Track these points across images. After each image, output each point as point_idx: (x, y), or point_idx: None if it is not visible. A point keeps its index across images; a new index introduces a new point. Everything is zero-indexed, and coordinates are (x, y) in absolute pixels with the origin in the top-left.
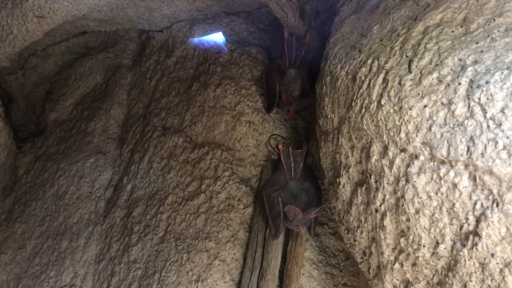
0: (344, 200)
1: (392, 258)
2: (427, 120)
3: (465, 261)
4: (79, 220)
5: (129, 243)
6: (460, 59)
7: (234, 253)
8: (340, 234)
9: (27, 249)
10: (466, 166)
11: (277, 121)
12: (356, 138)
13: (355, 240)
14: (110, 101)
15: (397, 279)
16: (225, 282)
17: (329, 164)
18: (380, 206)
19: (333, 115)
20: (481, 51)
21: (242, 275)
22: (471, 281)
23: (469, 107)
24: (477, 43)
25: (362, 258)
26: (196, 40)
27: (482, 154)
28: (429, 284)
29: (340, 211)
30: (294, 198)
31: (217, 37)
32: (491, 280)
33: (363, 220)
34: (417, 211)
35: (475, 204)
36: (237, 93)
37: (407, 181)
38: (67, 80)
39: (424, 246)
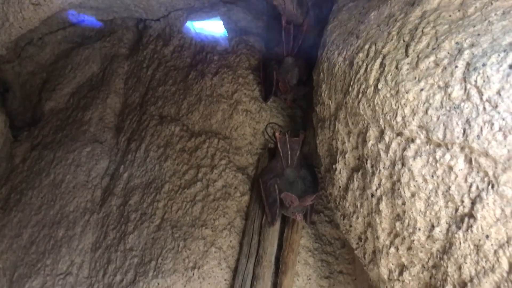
0: (340, 186)
1: (387, 242)
2: (424, 104)
3: (460, 243)
4: (76, 209)
5: (126, 231)
6: (457, 43)
7: (231, 241)
8: (336, 222)
9: (23, 238)
10: (462, 148)
11: (274, 109)
12: (352, 123)
13: (350, 226)
14: (106, 90)
15: (392, 264)
16: (221, 269)
17: (325, 151)
18: (376, 190)
19: (330, 101)
20: (478, 35)
21: (238, 262)
22: (466, 263)
23: (465, 89)
24: (474, 26)
25: (357, 243)
26: (195, 31)
27: (478, 136)
28: (424, 267)
29: (336, 197)
30: (291, 186)
31: (218, 29)
32: (486, 261)
33: (359, 205)
34: (412, 195)
35: (470, 186)
36: (234, 81)
37: (403, 164)
38: (64, 69)
39: (419, 229)
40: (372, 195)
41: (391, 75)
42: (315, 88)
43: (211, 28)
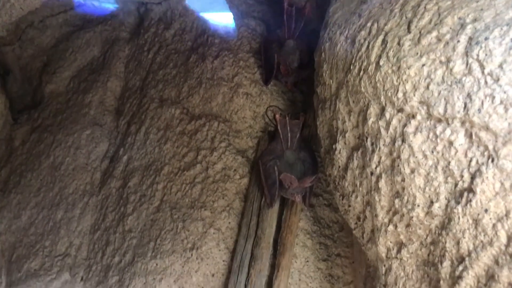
0: (339, 166)
1: (386, 220)
2: (425, 79)
3: (458, 218)
4: (75, 191)
5: (125, 213)
6: (459, 18)
7: (229, 222)
8: (334, 205)
9: (22, 219)
10: (463, 123)
11: (274, 93)
12: (353, 102)
13: (349, 206)
14: (107, 74)
15: (390, 242)
16: (219, 250)
17: (325, 133)
18: (375, 168)
19: (331, 81)
20: (481, 9)
21: (237, 243)
22: (464, 237)
23: (467, 64)
24: (477, 1)
25: (356, 223)
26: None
27: (479, 109)
28: (422, 244)
29: (335, 177)
30: (290, 167)
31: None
32: (484, 235)
33: (358, 184)
34: (412, 171)
35: (470, 161)
36: (235, 64)
37: (403, 141)
38: (64, 53)
39: (418, 206)
40: (372, 173)
41: (393, 51)
42: (316, 70)
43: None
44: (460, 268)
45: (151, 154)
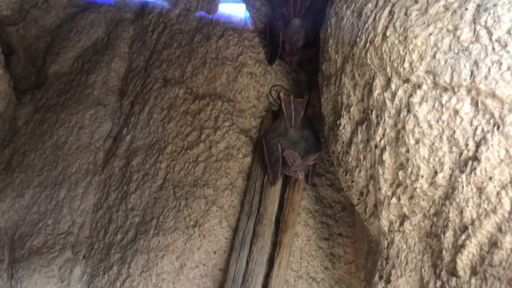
0: (343, 142)
1: (389, 193)
2: (432, 48)
3: (462, 187)
4: (78, 170)
5: (128, 191)
6: None
7: (232, 200)
8: (337, 186)
9: (25, 198)
10: (469, 91)
11: (279, 73)
12: (359, 75)
13: (352, 181)
14: (111, 54)
15: (393, 215)
16: (222, 228)
17: (330, 110)
18: (380, 141)
19: (336, 55)
20: None
21: (239, 220)
22: (468, 206)
23: (474, 31)
24: None
25: (359, 199)
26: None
27: (485, 76)
28: (425, 216)
29: (339, 153)
30: (294, 145)
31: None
32: (488, 203)
33: (362, 158)
34: (417, 142)
35: (475, 129)
36: (240, 44)
37: (408, 111)
38: (69, 33)
39: (422, 176)
40: (376, 146)
41: (399, 21)
42: (321, 47)
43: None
44: (463, 237)
45: (155, 133)
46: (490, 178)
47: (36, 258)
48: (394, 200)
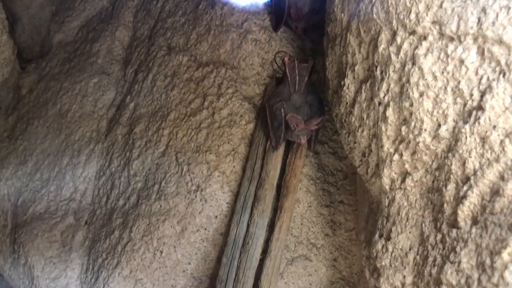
0: (347, 103)
1: (391, 150)
2: None
3: (466, 138)
4: (81, 138)
5: (130, 158)
6: None
7: (234, 166)
8: (339, 154)
9: (28, 165)
10: (475, 39)
11: (284, 40)
12: (364, 32)
13: (355, 143)
14: (115, 23)
15: (395, 172)
16: (223, 193)
17: (334, 73)
18: (383, 97)
19: (342, 14)
20: None
21: (241, 184)
22: (470, 157)
23: None
24: None
25: (361, 160)
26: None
27: (493, 22)
28: (427, 171)
29: (342, 115)
30: (297, 110)
31: None
32: (491, 152)
33: (365, 117)
34: (421, 94)
35: (481, 79)
36: (245, 10)
37: (413, 64)
38: (73, 2)
39: (425, 130)
40: (380, 103)
41: None
42: (327, 10)
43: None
44: (465, 188)
45: (158, 100)
46: (494, 127)
47: (39, 224)
48: (396, 157)
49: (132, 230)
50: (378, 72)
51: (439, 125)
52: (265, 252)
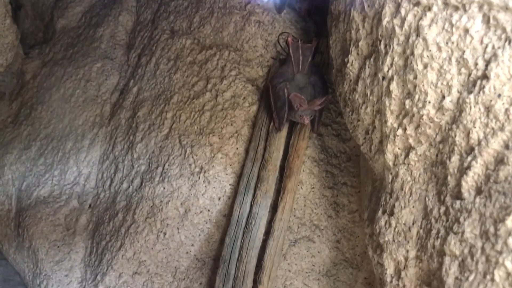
0: (351, 80)
1: (395, 125)
2: None
3: (470, 108)
4: (84, 122)
5: (133, 141)
6: None
7: (237, 148)
8: (343, 136)
9: (32, 150)
10: (481, 7)
11: (287, 21)
12: (368, 6)
13: (358, 120)
14: (119, 8)
15: (398, 148)
16: (226, 174)
17: (338, 51)
18: (387, 71)
19: None
20: None
21: (244, 166)
22: (475, 127)
23: None
24: None
25: (364, 138)
26: None
27: None
28: (431, 145)
29: (346, 93)
30: (300, 91)
31: None
32: (496, 121)
33: (369, 93)
34: (425, 66)
35: (486, 47)
36: None
37: (417, 35)
38: None
39: (429, 102)
40: (383, 78)
41: None
42: None
43: None
44: (469, 159)
45: (161, 84)
46: (499, 95)
47: (43, 207)
48: (400, 131)
49: (135, 213)
50: (382, 46)
51: (443, 97)
52: (268, 233)
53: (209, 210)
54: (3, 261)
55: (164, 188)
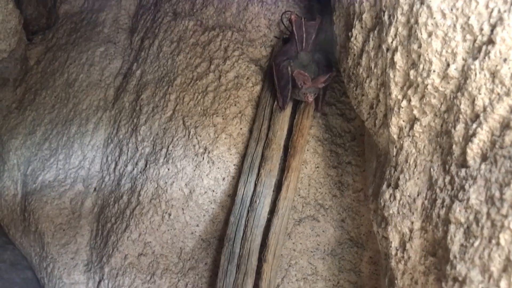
0: (355, 54)
1: (400, 96)
2: None
3: (475, 74)
4: (88, 107)
5: (138, 124)
6: None
7: (241, 128)
8: (347, 115)
9: (37, 135)
10: None
11: (291, 0)
12: None
13: (363, 95)
14: None
15: (403, 120)
16: (230, 154)
17: (342, 27)
18: (391, 42)
19: None
20: None
21: (248, 145)
22: (480, 94)
23: None
24: None
25: (369, 113)
26: None
27: None
28: (436, 115)
29: (350, 68)
30: (304, 69)
31: None
32: (501, 87)
33: (373, 66)
34: (429, 34)
35: (491, 12)
36: None
37: (421, 3)
38: None
39: (434, 71)
40: (388, 49)
41: None
42: None
43: None
44: (474, 126)
45: (164, 66)
46: (505, 60)
47: (48, 191)
48: (404, 103)
49: (140, 194)
50: (386, 17)
51: (448, 65)
52: (272, 212)
53: (213, 191)
54: (10, 245)
55: (168, 169)
